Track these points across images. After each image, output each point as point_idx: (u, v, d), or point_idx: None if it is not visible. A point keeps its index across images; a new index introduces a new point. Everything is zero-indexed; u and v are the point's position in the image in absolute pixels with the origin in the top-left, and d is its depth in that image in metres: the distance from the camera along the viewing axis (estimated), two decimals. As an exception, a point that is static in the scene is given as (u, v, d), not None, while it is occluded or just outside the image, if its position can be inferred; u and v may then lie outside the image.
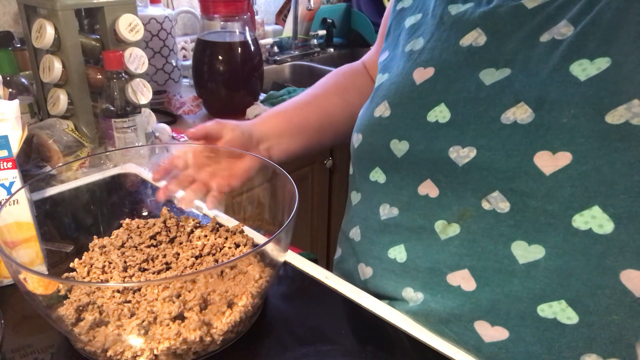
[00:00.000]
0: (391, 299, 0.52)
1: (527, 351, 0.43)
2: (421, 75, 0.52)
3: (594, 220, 0.39)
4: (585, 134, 0.40)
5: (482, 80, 0.47)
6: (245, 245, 0.53)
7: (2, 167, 0.50)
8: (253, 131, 0.65)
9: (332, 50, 1.92)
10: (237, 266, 0.46)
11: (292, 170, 1.06)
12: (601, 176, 0.39)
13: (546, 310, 0.42)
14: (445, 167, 0.47)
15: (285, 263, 0.57)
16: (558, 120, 0.41)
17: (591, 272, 0.40)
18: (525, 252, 0.42)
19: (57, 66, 0.87)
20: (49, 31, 0.84)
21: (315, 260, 0.59)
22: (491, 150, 0.44)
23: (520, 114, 0.43)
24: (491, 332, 0.44)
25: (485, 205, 0.45)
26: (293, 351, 0.45)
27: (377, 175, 0.55)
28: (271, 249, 0.46)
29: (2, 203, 0.50)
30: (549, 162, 0.41)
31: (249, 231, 0.57)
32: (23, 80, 0.95)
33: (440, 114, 0.49)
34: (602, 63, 0.40)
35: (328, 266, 0.60)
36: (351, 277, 0.58)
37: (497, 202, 0.44)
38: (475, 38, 0.49)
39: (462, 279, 0.46)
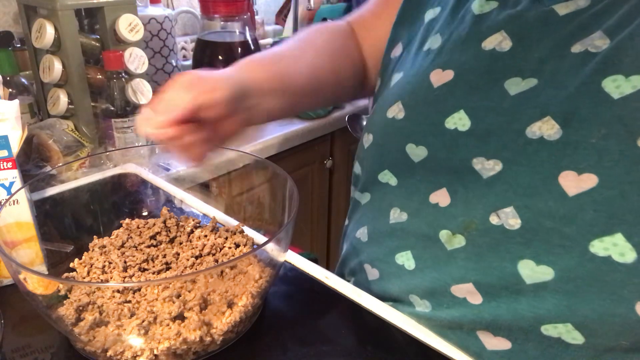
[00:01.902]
0: (396, 302, 0.52)
1: None
2: (439, 78, 0.49)
3: (615, 247, 0.37)
4: (615, 157, 0.37)
5: (507, 89, 0.44)
6: (245, 245, 0.53)
7: (2, 167, 0.50)
8: (236, 83, 0.50)
9: (332, 50, 1.92)
10: (237, 266, 0.46)
11: (292, 170, 1.06)
12: (628, 203, 0.37)
13: (550, 330, 0.41)
14: (467, 178, 0.45)
15: (285, 263, 0.57)
16: (586, 140, 0.39)
17: (604, 300, 0.38)
18: (532, 272, 0.41)
19: (57, 66, 0.87)
20: (49, 31, 0.84)
21: (315, 260, 0.59)
22: (517, 164, 0.42)
23: (547, 129, 0.41)
24: (494, 342, 0.44)
25: (494, 219, 0.43)
26: (293, 351, 0.45)
27: (388, 178, 0.53)
28: (271, 249, 0.46)
29: (2, 203, 0.50)
30: (573, 182, 0.39)
31: (249, 231, 0.57)
32: (23, 80, 0.95)
33: (459, 121, 0.46)
34: (639, 81, 0.38)
35: (328, 266, 0.60)
36: (355, 277, 0.57)
37: (507, 218, 0.42)
38: (499, 42, 0.46)
39: (468, 292, 0.45)
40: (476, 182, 0.45)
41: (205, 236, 0.55)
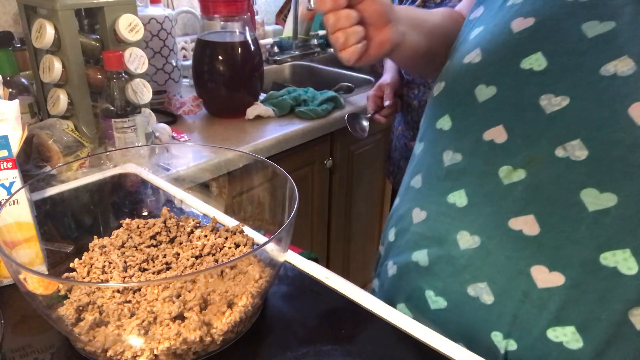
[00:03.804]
0: (439, 242, 0.52)
1: (578, 299, 0.43)
2: (520, 24, 0.52)
3: None
4: None
5: (585, 32, 0.47)
6: (245, 245, 0.53)
7: (2, 167, 0.50)
8: (393, 7, 0.57)
9: (332, 50, 1.92)
10: (237, 266, 0.46)
11: (292, 170, 1.06)
12: None
13: (609, 258, 0.42)
14: (528, 114, 0.48)
15: (285, 263, 0.57)
16: None
17: None
18: (596, 199, 0.43)
19: (57, 66, 0.87)
20: (49, 31, 0.84)
21: (315, 260, 0.59)
22: (585, 100, 0.45)
23: (622, 66, 0.44)
24: (548, 277, 0.45)
25: (559, 152, 0.45)
26: (293, 351, 0.45)
27: (443, 123, 0.55)
28: (271, 249, 0.46)
29: (2, 203, 0.50)
30: None
31: (249, 231, 0.57)
32: (23, 80, 0.95)
33: (535, 62, 0.49)
34: None
35: (328, 266, 0.61)
36: (401, 221, 0.59)
37: (574, 150, 0.44)
38: None
39: (526, 224, 0.46)
40: (537, 117, 0.47)
41: (205, 236, 0.55)
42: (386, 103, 1.09)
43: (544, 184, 0.46)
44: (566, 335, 0.44)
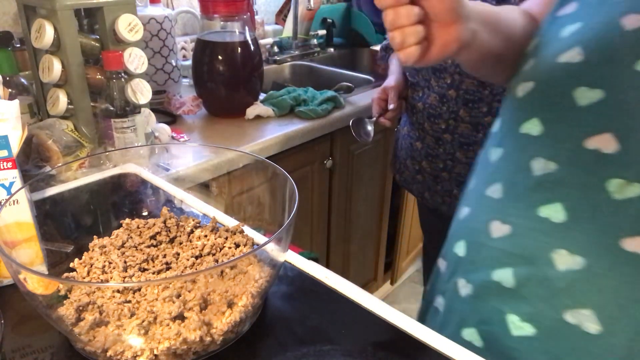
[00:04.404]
0: (529, 260, 0.48)
1: None
2: (633, 21, 0.46)
3: None
4: None
5: None
6: (245, 245, 0.53)
7: (2, 167, 0.50)
8: (464, 2, 0.52)
9: (332, 50, 1.92)
10: (237, 266, 0.46)
11: (292, 170, 1.06)
12: None
13: None
14: None
15: (285, 263, 0.57)
16: None
17: None
18: None
19: (57, 66, 0.87)
20: (49, 31, 0.84)
21: (315, 260, 0.59)
22: None
23: None
24: None
25: None
26: (293, 351, 0.45)
27: (531, 127, 0.50)
28: (271, 249, 0.46)
29: (2, 203, 0.50)
30: None
31: (249, 231, 0.57)
32: (23, 80, 0.95)
33: None
34: None
35: (328, 266, 0.60)
36: (474, 235, 0.54)
37: None
38: None
39: None
40: None
41: (205, 236, 0.55)
42: (390, 106, 1.08)
43: None
44: None
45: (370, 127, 1.18)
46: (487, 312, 0.51)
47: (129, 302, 0.43)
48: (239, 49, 1.20)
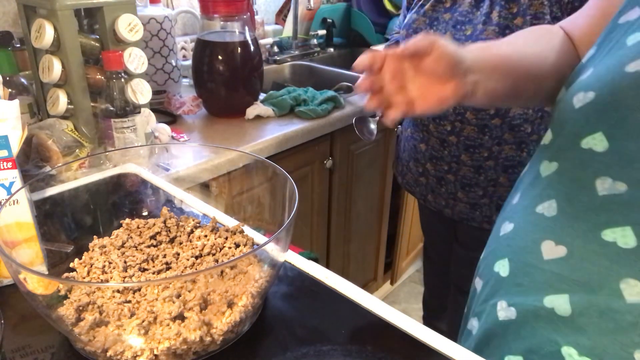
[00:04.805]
0: (590, 288, 0.44)
1: None
2: None
3: None
4: None
5: None
6: (245, 245, 0.53)
7: (2, 167, 0.50)
8: (464, 57, 0.52)
9: (332, 50, 1.92)
10: (237, 266, 0.46)
11: (292, 170, 1.06)
12: None
13: None
14: None
15: (285, 263, 0.57)
16: None
17: None
18: None
19: (57, 66, 0.87)
20: (49, 31, 0.84)
21: (315, 260, 0.59)
22: None
23: None
24: None
25: None
26: (293, 351, 0.45)
27: (595, 142, 0.46)
28: (271, 249, 0.46)
29: (2, 203, 0.50)
30: None
31: (249, 231, 0.57)
32: (23, 80, 0.95)
33: None
34: None
35: (328, 266, 0.60)
36: (521, 254, 0.50)
37: None
38: None
39: None
40: None
41: (205, 236, 0.55)
42: None
43: None
44: None
45: (373, 126, 1.17)
46: (536, 340, 0.46)
47: (129, 302, 0.43)
48: (239, 49, 1.20)
